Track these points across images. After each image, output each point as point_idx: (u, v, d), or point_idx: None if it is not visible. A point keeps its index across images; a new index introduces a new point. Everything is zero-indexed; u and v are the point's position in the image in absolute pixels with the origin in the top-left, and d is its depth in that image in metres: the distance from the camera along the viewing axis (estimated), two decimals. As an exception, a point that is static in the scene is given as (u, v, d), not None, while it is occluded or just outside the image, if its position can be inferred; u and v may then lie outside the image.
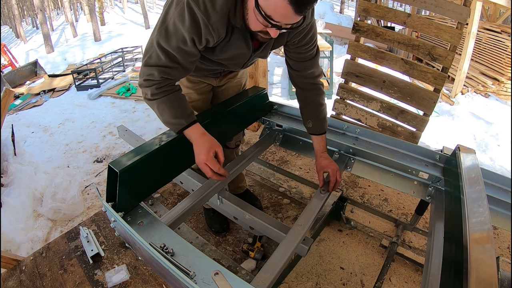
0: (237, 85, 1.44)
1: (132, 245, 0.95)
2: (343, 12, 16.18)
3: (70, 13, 17.94)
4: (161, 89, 0.96)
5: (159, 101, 0.98)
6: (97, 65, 6.70)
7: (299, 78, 1.21)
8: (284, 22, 0.79)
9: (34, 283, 1.41)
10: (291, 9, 0.74)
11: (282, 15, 0.76)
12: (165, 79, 0.96)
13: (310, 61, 1.16)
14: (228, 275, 0.74)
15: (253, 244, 1.55)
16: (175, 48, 0.91)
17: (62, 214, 2.36)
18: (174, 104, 0.99)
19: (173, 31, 0.89)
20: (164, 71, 0.94)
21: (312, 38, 1.09)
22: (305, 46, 1.10)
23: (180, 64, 0.95)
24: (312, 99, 1.23)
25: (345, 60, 2.25)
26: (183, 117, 1.00)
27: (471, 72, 5.33)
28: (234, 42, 0.98)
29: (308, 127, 1.25)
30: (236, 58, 1.08)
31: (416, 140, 2.07)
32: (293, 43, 1.08)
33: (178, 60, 0.94)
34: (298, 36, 1.05)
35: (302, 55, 1.13)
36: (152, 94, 0.97)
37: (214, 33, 0.90)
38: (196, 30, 0.87)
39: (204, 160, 0.97)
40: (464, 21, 1.82)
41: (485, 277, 0.57)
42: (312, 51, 1.14)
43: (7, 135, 3.19)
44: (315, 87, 1.22)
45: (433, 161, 1.19)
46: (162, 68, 0.93)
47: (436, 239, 0.93)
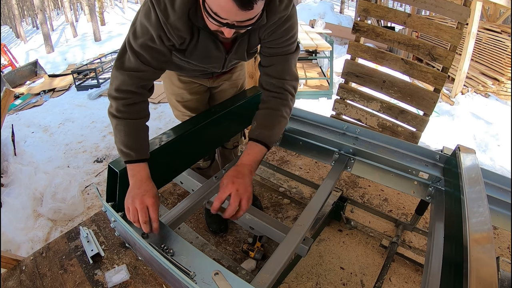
0: (233, 87, 1.42)
1: (132, 245, 0.95)
2: (343, 12, 16.19)
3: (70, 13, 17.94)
4: (128, 108, 0.91)
5: (120, 121, 0.92)
6: (97, 65, 6.71)
7: (265, 77, 1.03)
8: (233, 20, 0.74)
9: (34, 283, 1.41)
10: (234, 5, 0.69)
11: (227, 12, 0.72)
12: (132, 92, 0.91)
13: (281, 57, 1.00)
14: (228, 275, 0.74)
15: (253, 244, 1.55)
16: (144, 46, 0.87)
17: (62, 214, 2.36)
18: (132, 133, 0.93)
19: (140, 30, 0.87)
20: (136, 76, 0.90)
21: (286, 32, 0.95)
22: (277, 41, 0.97)
23: (150, 65, 0.90)
24: (272, 104, 1.01)
25: (345, 60, 2.25)
26: (134, 150, 0.91)
27: (471, 72, 5.33)
28: (201, 44, 0.94)
29: (250, 129, 1.02)
30: (209, 61, 1.03)
31: (416, 140, 2.07)
32: (263, 38, 0.98)
33: (148, 61, 0.89)
34: (270, 29, 0.94)
35: (274, 50, 0.99)
36: (117, 110, 0.92)
37: (174, 33, 0.86)
38: (160, 28, 0.85)
39: (149, 204, 0.84)
40: (464, 21, 1.82)
41: (485, 277, 0.57)
42: (285, 48, 0.99)
43: (7, 135, 3.19)
44: (281, 93, 1.01)
45: (433, 161, 1.19)
46: (133, 73, 0.89)
47: (436, 239, 0.93)
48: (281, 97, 1.02)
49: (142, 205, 0.84)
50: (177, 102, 1.37)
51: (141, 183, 0.89)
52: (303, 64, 6.59)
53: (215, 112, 1.27)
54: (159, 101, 5.17)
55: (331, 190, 1.19)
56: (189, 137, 1.15)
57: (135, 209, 0.84)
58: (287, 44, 0.98)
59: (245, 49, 1.01)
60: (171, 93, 1.37)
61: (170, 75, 1.31)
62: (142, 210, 0.84)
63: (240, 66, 1.41)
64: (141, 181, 0.89)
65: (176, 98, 1.36)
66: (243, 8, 0.70)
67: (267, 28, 0.94)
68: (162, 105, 5.01)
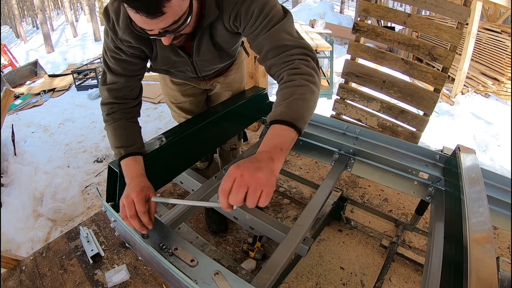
0: (227, 90, 1.39)
1: (132, 245, 0.95)
2: (343, 12, 16.18)
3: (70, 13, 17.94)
4: (111, 116, 0.97)
5: (107, 126, 0.98)
6: (97, 65, 6.70)
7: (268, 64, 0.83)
8: (158, 28, 0.70)
9: (34, 283, 1.41)
10: (142, 16, 0.65)
11: (145, 23, 0.68)
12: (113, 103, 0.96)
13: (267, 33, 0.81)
14: (228, 275, 0.74)
15: (253, 244, 1.55)
16: (113, 59, 0.92)
17: (62, 214, 2.36)
18: (117, 133, 0.95)
19: (105, 46, 0.93)
20: (113, 88, 0.95)
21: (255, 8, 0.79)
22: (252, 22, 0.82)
23: (122, 75, 0.94)
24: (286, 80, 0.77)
25: (345, 60, 2.25)
26: (122, 147, 0.93)
27: (471, 72, 5.33)
28: (160, 52, 0.95)
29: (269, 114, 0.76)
30: (175, 67, 1.04)
31: (416, 140, 2.07)
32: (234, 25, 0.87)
33: (118, 71, 0.94)
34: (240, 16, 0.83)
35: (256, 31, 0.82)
36: (104, 120, 0.99)
37: (126, 46, 0.89)
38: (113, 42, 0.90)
39: (133, 197, 0.79)
40: (464, 21, 1.82)
41: (485, 277, 0.57)
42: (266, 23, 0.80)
43: (7, 135, 3.19)
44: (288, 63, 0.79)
45: (433, 161, 1.19)
46: (110, 86, 0.94)
47: (436, 239, 0.93)
48: (290, 67, 0.78)
49: (127, 200, 0.79)
50: (171, 104, 1.39)
51: (130, 181, 0.87)
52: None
53: (215, 112, 1.27)
54: (159, 101, 5.17)
55: (331, 190, 1.19)
56: (189, 137, 1.15)
57: (123, 205, 0.80)
58: (265, 18, 0.80)
59: (210, 48, 0.94)
60: (165, 94, 1.39)
61: (164, 77, 1.32)
62: (128, 204, 0.79)
63: (235, 69, 1.35)
64: (130, 178, 0.88)
65: (170, 100, 1.38)
66: (151, 17, 0.65)
67: (234, 14, 0.83)
68: (162, 105, 5.01)
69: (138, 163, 0.92)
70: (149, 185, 0.86)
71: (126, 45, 0.89)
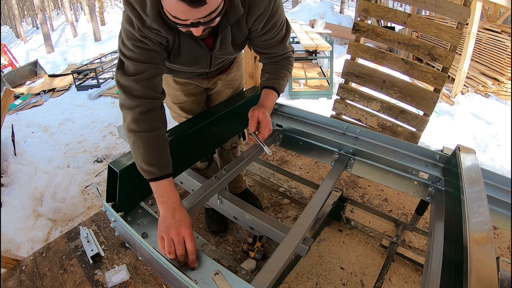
0: (229, 88, 1.40)
1: (132, 245, 0.95)
2: (343, 12, 16.19)
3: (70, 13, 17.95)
4: (145, 116, 0.88)
5: (137, 136, 0.88)
6: (97, 65, 6.71)
7: (266, 58, 1.16)
8: (193, 18, 0.72)
9: (34, 283, 1.41)
10: (185, 4, 0.67)
11: (183, 13, 0.70)
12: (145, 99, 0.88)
13: (278, 45, 1.09)
14: (228, 275, 0.74)
15: (253, 244, 1.55)
16: (136, 48, 0.87)
17: (62, 214, 2.36)
18: (151, 147, 0.88)
19: (126, 36, 0.87)
20: (141, 78, 0.87)
21: (276, 24, 0.99)
22: (269, 34, 1.01)
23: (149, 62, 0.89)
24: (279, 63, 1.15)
25: (345, 60, 2.25)
26: (157, 166, 0.87)
27: (471, 72, 5.33)
28: (184, 45, 0.93)
29: (262, 81, 1.15)
30: (195, 62, 1.03)
31: (416, 140, 2.07)
32: (256, 31, 0.99)
33: (144, 60, 0.88)
34: (260, 23, 0.95)
35: (268, 42, 1.06)
36: (134, 121, 0.88)
37: (153, 35, 0.86)
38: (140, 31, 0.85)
39: (186, 235, 0.80)
40: (464, 21, 1.82)
41: (485, 277, 0.57)
42: (277, 37, 1.05)
43: (7, 135, 3.19)
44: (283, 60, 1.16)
45: (433, 161, 1.19)
46: (138, 76, 0.87)
47: (436, 239, 0.93)
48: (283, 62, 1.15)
49: (178, 237, 0.79)
50: (173, 104, 1.36)
51: (174, 211, 0.84)
52: (303, 64, 6.59)
53: (215, 112, 1.27)
54: (159, 101, 5.17)
55: (331, 190, 1.19)
56: (189, 137, 1.15)
57: (171, 240, 0.79)
58: (277, 33, 1.03)
59: (230, 43, 0.99)
60: (167, 95, 1.33)
61: (165, 77, 1.30)
62: (179, 242, 0.79)
63: (236, 67, 1.38)
64: (173, 208, 0.85)
65: (172, 100, 1.35)
66: (195, 6, 0.68)
67: (257, 19, 0.94)
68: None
69: (174, 187, 0.89)
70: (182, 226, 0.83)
71: (154, 34, 0.86)
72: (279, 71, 1.14)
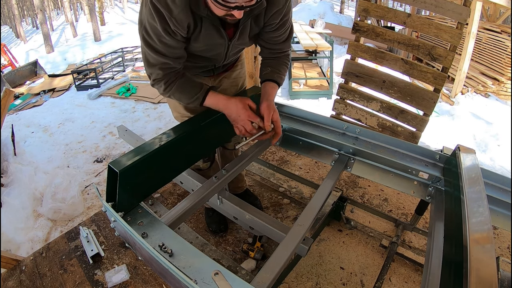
0: (234, 86, 1.44)
1: (132, 245, 0.95)
2: (343, 12, 16.18)
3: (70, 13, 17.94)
4: (168, 81, 1.05)
5: (171, 92, 1.06)
6: (97, 65, 6.71)
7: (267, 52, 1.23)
8: (241, 2, 0.78)
9: (34, 283, 1.41)
10: None
11: None
12: (169, 72, 1.03)
13: (283, 43, 1.18)
14: (228, 275, 0.74)
15: (253, 244, 1.55)
16: (159, 44, 0.95)
17: (62, 214, 2.36)
18: (184, 88, 1.06)
19: (150, 30, 0.93)
20: (164, 67, 1.01)
21: (286, 22, 1.09)
22: (279, 30, 1.10)
23: (170, 57, 0.99)
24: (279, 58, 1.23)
25: (345, 60, 2.25)
26: (197, 93, 1.06)
27: (471, 72, 5.33)
28: (205, 32, 0.98)
29: (264, 73, 1.22)
30: (212, 49, 1.08)
31: (416, 140, 2.07)
32: (270, 25, 1.07)
33: (166, 55, 0.98)
34: (276, 19, 1.04)
35: (276, 38, 1.14)
36: (164, 89, 1.06)
37: (179, 26, 0.91)
38: (166, 24, 0.90)
39: (247, 117, 1.03)
40: (464, 21, 1.82)
41: (485, 277, 0.57)
42: (284, 35, 1.14)
43: (7, 135, 3.19)
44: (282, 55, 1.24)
45: (433, 161, 1.19)
46: (161, 65, 1.00)
47: (436, 239, 0.93)
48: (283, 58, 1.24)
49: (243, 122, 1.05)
50: (178, 104, 1.35)
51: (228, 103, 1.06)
52: (303, 64, 6.59)
53: (215, 112, 1.27)
54: (159, 101, 5.17)
55: (331, 190, 1.19)
56: (189, 137, 1.15)
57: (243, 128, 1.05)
58: (285, 30, 1.12)
59: (248, 34, 1.07)
60: None
61: None
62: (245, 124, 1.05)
63: (240, 65, 1.42)
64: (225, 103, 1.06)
65: None
66: None
67: (273, 15, 1.01)
68: (162, 105, 5.01)
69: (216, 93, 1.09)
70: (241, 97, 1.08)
71: (179, 23, 0.90)
72: (280, 67, 1.22)
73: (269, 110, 1.12)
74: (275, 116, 1.13)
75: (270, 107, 1.13)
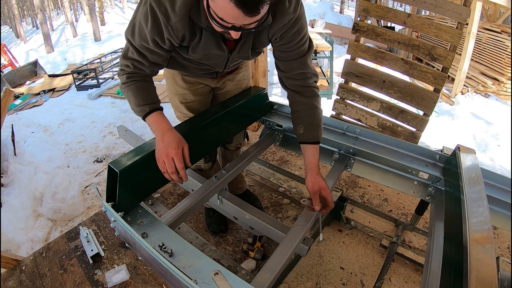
0: (237, 88, 1.42)
1: (132, 245, 0.95)
2: (343, 12, 16.18)
3: (70, 13, 17.94)
4: (131, 78, 1.00)
5: (127, 88, 1.01)
6: (97, 65, 6.70)
7: (288, 80, 1.10)
8: (239, 24, 0.75)
9: (34, 283, 1.41)
10: (239, 12, 0.70)
11: (233, 18, 0.73)
12: (137, 71, 1.00)
13: (298, 60, 1.05)
14: (228, 275, 0.74)
15: (253, 244, 1.55)
16: (140, 46, 0.93)
17: (62, 214, 2.36)
18: (139, 92, 1.00)
19: (138, 30, 0.91)
20: (135, 65, 0.98)
21: (298, 34, 0.99)
22: (290, 44, 1.00)
23: (149, 60, 0.97)
24: (304, 101, 1.10)
25: (345, 60, 2.25)
26: (147, 104, 1.00)
27: (471, 72, 5.33)
28: (204, 43, 0.96)
29: (299, 133, 1.11)
30: (211, 59, 1.05)
31: (416, 140, 2.07)
32: (275, 40, 1.01)
33: (146, 56, 0.96)
34: (280, 32, 0.97)
35: (288, 53, 1.03)
36: (123, 82, 1.02)
37: (174, 34, 0.88)
38: (158, 31, 0.88)
39: (173, 155, 0.91)
40: (464, 21, 1.82)
41: (485, 277, 0.57)
42: (299, 49, 1.03)
43: (7, 135, 3.19)
44: (308, 90, 1.09)
45: (433, 161, 1.19)
46: (134, 62, 0.97)
47: (436, 239, 0.93)
48: (311, 95, 1.10)
49: (168, 158, 0.91)
50: (180, 104, 1.34)
51: (163, 135, 0.94)
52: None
53: (215, 112, 1.27)
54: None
55: (331, 190, 1.19)
56: (189, 137, 1.14)
57: (163, 162, 0.92)
58: (300, 45, 1.02)
59: (249, 48, 1.03)
60: (174, 94, 1.34)
61: (174, 75, 1.29)
62: (168, 162, 0.91)
63: (245, 67, 1.40)
64: (162, 133, 0.95)
65: (179, 99, 1.33)
66: (250, 15, 0.71)
67: (278, 30, 0.96)
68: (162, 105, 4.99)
69: (164, 117, 1.00)
70: (181, 138, 0.96)
71: (174, 32, 0.88)
72: (316, 117, 1.10)
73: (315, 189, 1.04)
74: (323, 193, 1.04)
75: (315, 184, 1.04)
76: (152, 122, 0.99)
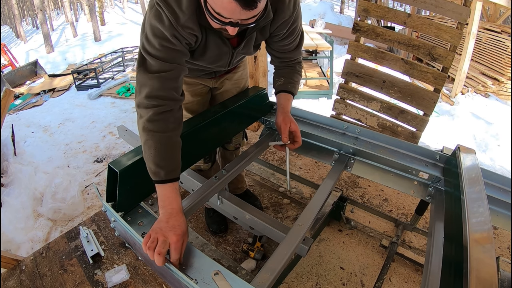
0: (236, 87, 1.42)
1: (132, 245, 0.95)
2: (343, 12, 16.18)
3: (70, 13, 17.95)
4: (162, 116, 0.86)
5: (150, 135, 0.86)
6: (97, 65, 6.71)
7: (278, 62, 1.22)
8: (236, 19, 0.74)
9: (34, 283, 1.41)
10: (237, 5, 0.69)
11: (230, 12, 0.72)
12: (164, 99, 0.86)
13: (293, 51, 1.16)
14: (228, 275, 0.74)
15: (253, 244, 1.55)
16: (162, 47, 0.84)
17: (62, 214, 2.35)
18: (163, 149, 0.86)
19: (153, 33, 0.84)
20: (164, 77, 0.85)
21: (295, 30, 1.06)
22: (288, 39, 1.08)
23: (174, 62, 0.88)
24: (292, 67, 1.22)
25: (345, 60, 2.25)
26: (165, 169, 0.86)
27: (471, 72, 5.33)
28: (210, 43, 0.96)
29: (278, 84, 1.20)
30: (218, 59, 1.05)
31: (416, 140, 2.07)
32: (277, 36, 1.05)
33: (169, 59, 0.86)
34: (283, 29, 1.02)
35: (285, 47, 1.12)
36: (149, 120, 0.85)
37: (186, 32, 0.86)
38: (174, 28, 0.84)
39: (173, 241, 0.77)
40: (464, 21, 1.82)
41: (485, 277, 0.57)
42: (294, 43, 1.12)
43: (7, 135, 3.19)
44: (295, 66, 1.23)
45: (433, 161, 1.19)
46: (162, 74, 0.85)
47: (436, 239, 0.93)
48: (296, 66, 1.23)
49: (164, 239, 0.76)
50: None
51: (170, 217, 0.82)
52: (303, 64, 6.58)
53: (215, 112, 1.27)
54: (159, 101, 5.17)
55: (331, 190, 1.19)
56: (189, 137, 1.15)
57: (156, 239, 0.76)
58: (294, 39, 1.10)
59: (253, 43, 1.05)
60: None
61: None
62: (162, 243, 0.75)
63: (243, 66, 1.41)
64: (170, 214, 0.83)
65: None
66: (247, 8, 0.71)
67: (279, 26, 0.99)
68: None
69: (178, 193, 0.87)
70: (187, 228, 0.83)
71: (187, 32, 0.86)
72: (293, 75, 1.20)
73: (286, 123, 1.11)
74: (293, 127, 1.11)
75: (286, 120, 1.11)
76: (162, 196, 0.86)
